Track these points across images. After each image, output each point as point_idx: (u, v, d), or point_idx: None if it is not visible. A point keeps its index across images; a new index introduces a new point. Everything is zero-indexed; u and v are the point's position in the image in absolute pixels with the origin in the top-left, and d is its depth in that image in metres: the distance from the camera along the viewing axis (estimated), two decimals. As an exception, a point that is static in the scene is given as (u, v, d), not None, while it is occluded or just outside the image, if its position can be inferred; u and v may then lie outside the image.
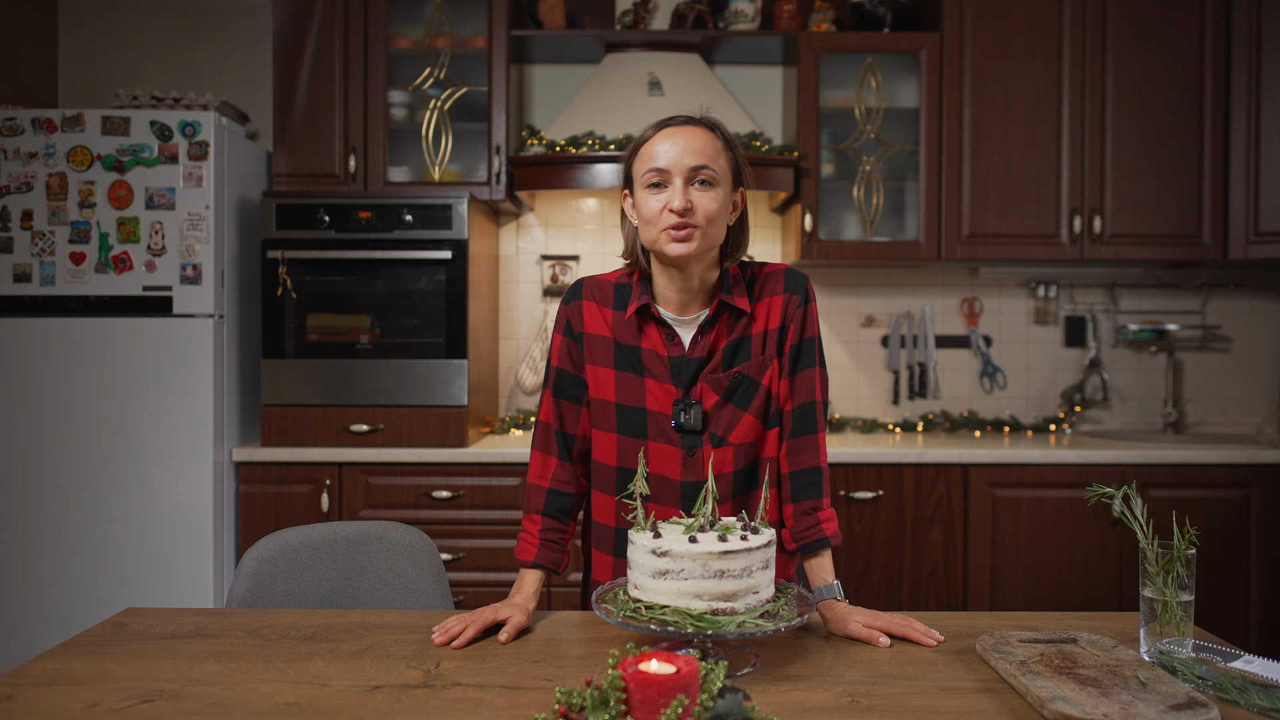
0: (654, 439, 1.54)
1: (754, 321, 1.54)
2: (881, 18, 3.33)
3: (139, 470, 2.90)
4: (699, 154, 1.44)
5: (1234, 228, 3.19)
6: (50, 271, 2.91)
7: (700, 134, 1.46)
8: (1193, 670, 1.21)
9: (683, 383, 1.52)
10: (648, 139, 1.48)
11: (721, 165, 1.47)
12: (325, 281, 3.05)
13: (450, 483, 2.97)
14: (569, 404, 1.59)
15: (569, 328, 1.59)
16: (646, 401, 1.54)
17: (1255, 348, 3.59)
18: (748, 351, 1.54)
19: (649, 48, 3.40)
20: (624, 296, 1.57)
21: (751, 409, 1.53)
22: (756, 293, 1.55)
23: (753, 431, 1.54)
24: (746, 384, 1.53)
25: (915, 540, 2.98)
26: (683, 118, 1.49)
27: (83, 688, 1.22)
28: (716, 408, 1.53)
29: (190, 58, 3.61)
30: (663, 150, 1.45)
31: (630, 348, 1.55)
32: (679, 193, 1.43)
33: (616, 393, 1.55)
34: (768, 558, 1.28)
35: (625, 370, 1.55)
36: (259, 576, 1.71)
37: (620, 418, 1.55)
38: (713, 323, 1.53)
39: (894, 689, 1.22)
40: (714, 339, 1.53)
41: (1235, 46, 3.19)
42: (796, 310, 1.55)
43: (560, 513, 1.58)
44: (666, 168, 1.44)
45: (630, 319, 1.54)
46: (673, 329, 1.53)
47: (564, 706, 0.98)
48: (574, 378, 1.58)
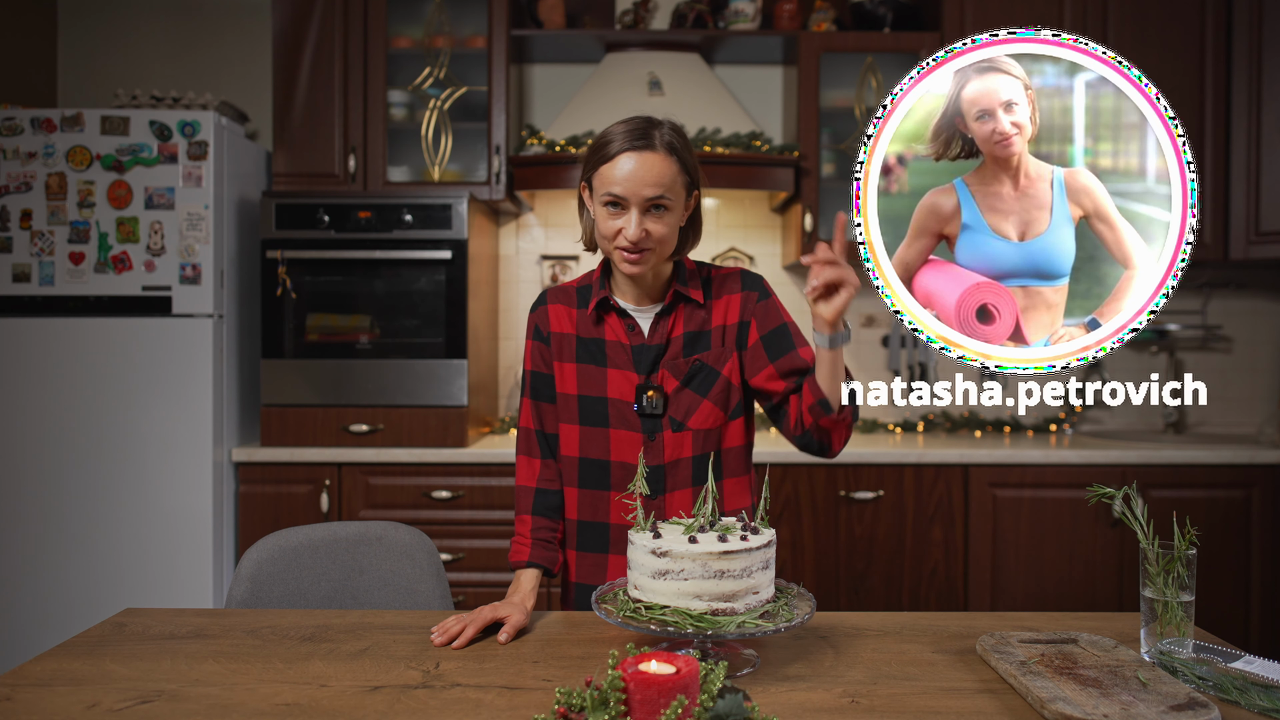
0: (615, 426, 1.59)
1: (712, 317, 1.60)
2: (882, 17, 3.33)
3: (139, 470, 2.90)
4: (656, 184, 1.48)
5: (1235, 227, 3.19)
6: (49, 271, 2.91)
7: (659, 162, 1.48)
8: (1193, 671, 1.21)
9: (644, 368, 1.59)
10: (609, 157, 1.48)
11: (677, 189, 1.51)
12: (325, 281, 3.05)
13: (450, 483, 2.97)
14: (546, 405, 1.65)
15: (537, 332, 1.65)
16: (608, 390, 1.59)
17: (1256, 348, 3.59)
18: (707, 343, 1.60)
19: (649, 47, 3.40)
20: (585, 296, 1.64)
21: (711, 395, 1.59)
22: (714, 291, 1.62)
23: (711, 418, 1.60)
24: (706, 371, 1.59)
25: (916, 540, 2.97)
26: (643, 138, 1.48)
27: (82, 688, 1.22)
28: (676, 393, 1.58)
29: (190, 57, 3.60)
30: (621, 176, 1.48)
31: (593, 340, 1.61)
32: (634, 223, 1.48)
33: (578, 385, 1.61)
34: (768, 558, 1.28)
35: (586, 362, 1.61)
36: (258, 577, 1.71)
37: (581, 408, 1.61)
38: (668, 312, 1.59)
39: (894, 689, 1.22)
40: (670, 327, 1.59)
41: (1236, 46, 3.19)
42: (756, 305, 1.61)
43: (550, 510, 1.63)
44: (624, 195, 1.48)
45: (591, 313, 1.60)
46: (633, 319, 1.60)
47: (564, 707, 0.98)
48: (547, 378, 1.65)
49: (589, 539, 1.62)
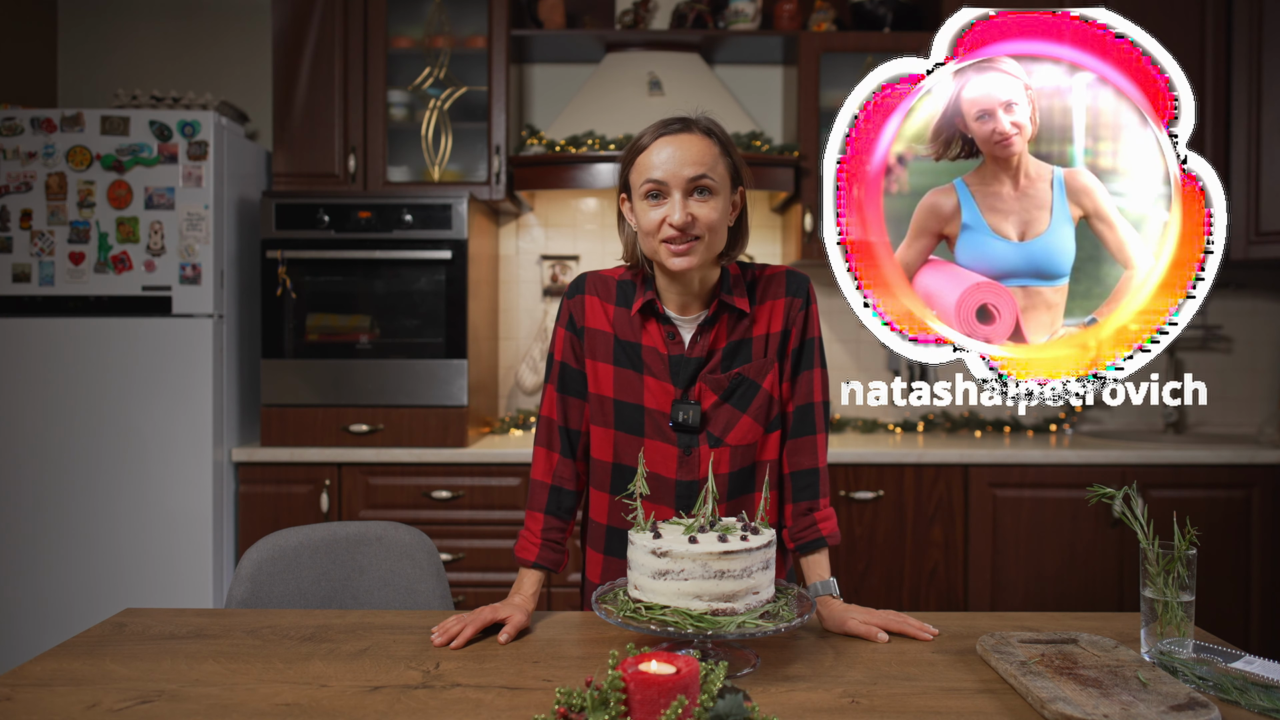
0: (650, 436, 1.53)
1: (755, 324, 1.53)
2: (882, 17, 3.33)
3: (139, 470, 2.90)
4: (697, 163, 1.42)
5: (1235, 228, 3.18)
6: (49, 271, 2.91)
7: (697, 141, 1.43)
8: (1193, 671, 1.21)
9: (681, 382, 1.52)
10: (644, 147, 1.45)
11: (720, 171, 1.45)
12: (325, 281, 3.05)
13: (450, 483, 2.97)
14: (573, 399, 1.58)
15: (571, 322, 1.58)
16: (644, 399, 1.53)
17: (1256, 348, 3.59)
18: (748, 354, 1.53)
19: (649, 47, 3.40)
20: (626, 293, 1.56)
21: (750, 411, 1.53)
22: (758, 295, 1.55)
23: (750, 434, 1.54)
24: (746, 385, 1.53)
25: (916, 540, 2.97)
26: (678, 122, 1.45)
27: (82, 688, 1.22)
28: (714, 408, 1.52)
29: (190, 58, 3.60)
30: (659, 160, 1.42)
31: (630, 344, 1.54)
32: (678, 206, 1.41)
33: (615, 389, 1.54)
34: (768, 558, 1.28)
35: (624, 366, 1.54)
36: (258, 577, 1.71)
37: (618, 414, 1.55)
38: (712, 323, 1.52)
39: (894, 689, 1.22)
40: (713, 339, 1.52)
41: (1236, 46, 3.19)
42: (798, 313, 1.55)
43: (562, 511, 1.57)
44: (664, 179, 1.41)
45: (634, 316, 1.53)
46: (674, 327, 1.53)
47: (564, 707, 0.98)
48: (576, 372, 1.58)
49: (617, 545, 1.58)
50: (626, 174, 1.49)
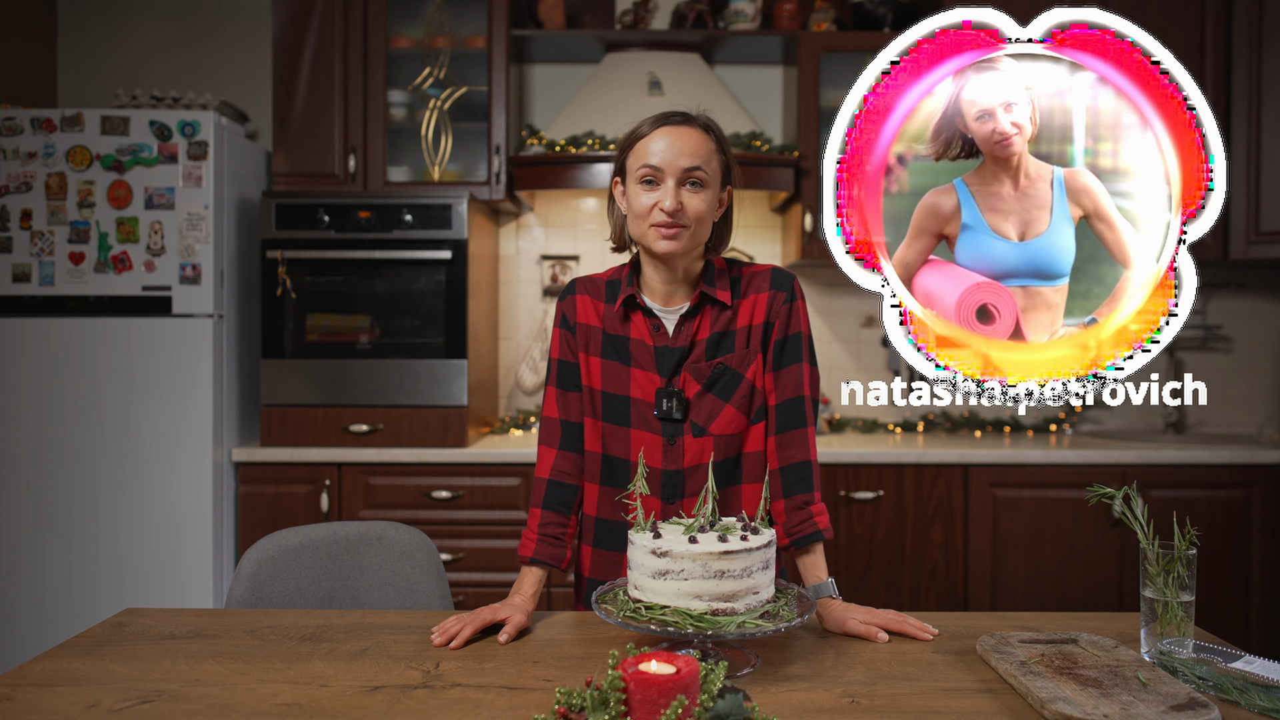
0: (636, 427, 1.57)
1: (738, 317, 1.57)
2: (882, 17, 3.33)
3: (139, 470, 2.90)
4: (693, 155, 1.48)
5: (1235, 228, 3.18)
6: (49, 271, 2.91)
7: (695, 135, 1.50)
8: (1193, 671, 1.21)
9: (666, 371, 1.56)
10: (644, 135, 1.51)
11: (713, 167, 1.51)
12: (325, 281, 3.05)
13: (450, 483, 2.97)
14: (572, 394, 1.61)
15: (564, 320, 1.63)
16: (630, 389, 1.57)
17: (1256, 348, 3.59)
18: (731, 345, 1.56)
19: (649, 47, 3.40)
20: (614, 290, 1.61)
21: (734, 400, 1.56)
22: (742, 290, 1.58)
23: (734, 423, 1.57)
24: (729, 375, 1.56)
25: (915, 540, 2.97)
26: (679, 116, 1.52)
27: (82, 688, 1.22)
28: (698, 397, 1.56)
29: (190, 58, 3.60)
30: (658, 149, 1.48)
31: (618, 337, 1.58)
32: (671, 193, 1.47)
33: (603, 381, 1.58)
34: (768, 558, 1.28)
35: (611, 359, 1.58)
36: (258, 577, 1.71)
37: (605, 405, 1.58)
38: (694, 313, 1.56)
39: (894, 689, 1.22)
40: (695, 329, 1.56)
41: (1236, 46, 3.19)
42: (781, 307, 1.57)
43: (560, 505, 1.59)
44: (661, 166, 1.47)
45: (618, 309, 1.58)
46: (659, 319, 1.57)
47: (564, 707, 0.98)
48: (573, 366, 1.62)
49: (606, 537, 1.60)
50: (624, 158, 1.54)
